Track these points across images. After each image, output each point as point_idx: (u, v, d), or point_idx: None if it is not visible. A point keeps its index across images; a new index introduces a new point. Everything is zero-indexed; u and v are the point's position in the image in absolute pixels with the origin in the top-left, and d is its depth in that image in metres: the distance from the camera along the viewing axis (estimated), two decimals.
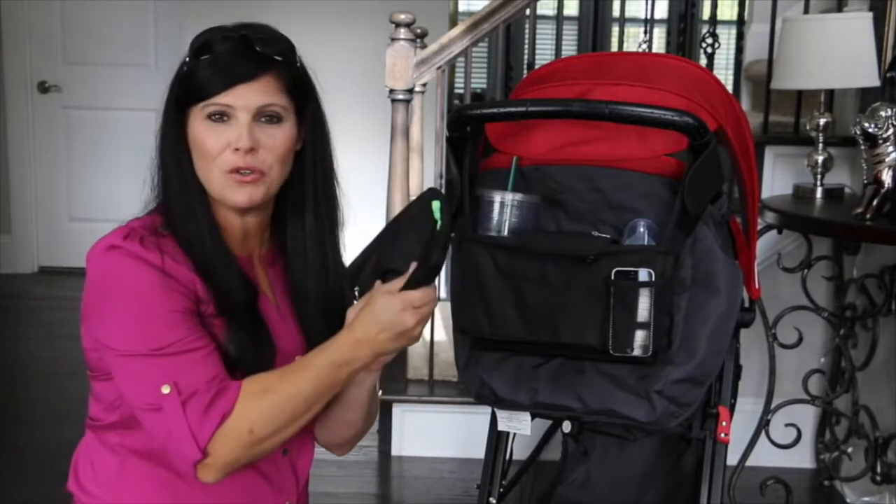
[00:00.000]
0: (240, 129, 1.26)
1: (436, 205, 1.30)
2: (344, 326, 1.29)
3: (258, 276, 1.38)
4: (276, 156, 1.30)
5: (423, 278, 1.28)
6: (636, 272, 1.41)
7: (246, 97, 1.26)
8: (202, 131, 1.28)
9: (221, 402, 1.20)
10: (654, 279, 1.41)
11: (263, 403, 1.22)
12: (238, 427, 1.21)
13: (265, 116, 1.28)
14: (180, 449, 1.20)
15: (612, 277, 1.42)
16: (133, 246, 1.24)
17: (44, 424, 3.26)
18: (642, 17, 3.23)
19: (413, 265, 1.28)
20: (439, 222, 1.29)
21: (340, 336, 1.27)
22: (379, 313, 1.24)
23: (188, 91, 1.28)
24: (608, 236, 1.47)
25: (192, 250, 1.28)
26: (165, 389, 1.20)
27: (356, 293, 1.31)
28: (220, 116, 1.27)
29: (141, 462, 1.30)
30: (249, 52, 1.27)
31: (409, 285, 1.27)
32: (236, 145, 1.26)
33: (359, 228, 1.51)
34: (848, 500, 2.81)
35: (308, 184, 1.36)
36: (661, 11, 5.54)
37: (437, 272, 1.32)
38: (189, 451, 1.20)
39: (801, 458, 2.95)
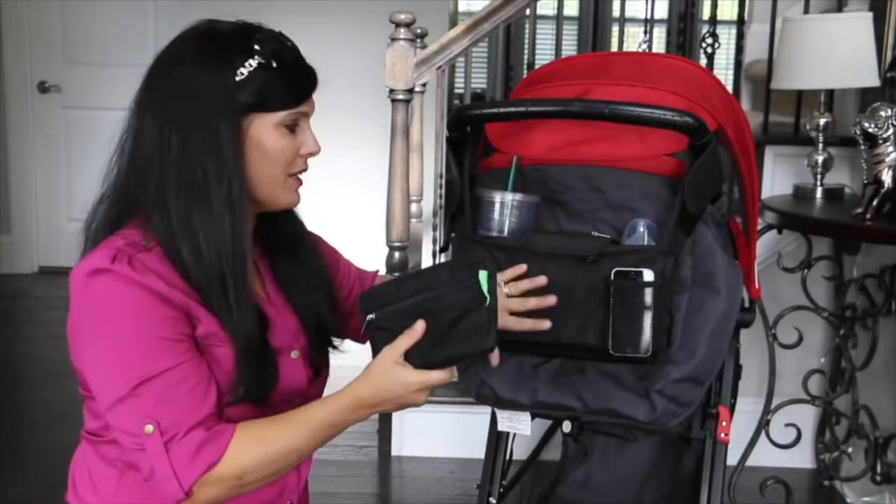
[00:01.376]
0: (312, 136, 1.32)
1: (483, 276, 1.22)
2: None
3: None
4: None
5: (457, 359, 1.24)
6: (636, 272, 1.41)
7: (312, 105, 1.32)
8: (276, 138, 1.27)
9: (210, 450, 1.19)
10: (654, 279, 1.41)
11: (257, 453, 1.21)
12: (227, 473, 1.20)
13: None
14: (163, 487, 1.19)
15: (612, 277, 1.42)
16: (122, 268, 1.20)
17: (44, 424, 3.25)
18: (642, 17, 3.21)
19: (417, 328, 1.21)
20: (489, 298, 1.20)
21: (344, 395, 1.25)
22: (391, 385, 1.22)
23: (265, 98, 1.25)
24: (608, 236, 1.47)
25: (201, 265, 1.22)
26: (148, 429, 1.18)
27: (370, 319, 1.23)
28: (294, 124, 1.29)
29: (140, 475, 1.29)
30: (304, 60, 1.31)
31: (437, 363, 1.21)
32: (312, 149, 1.32)
33: (358, 227, 1.50)
34: (848, 500, 2.81)
35: None
36: (661, 11, 5.52)
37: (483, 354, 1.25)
38: (172, 492, 1.19)
39: (801, 458, 2.95)
